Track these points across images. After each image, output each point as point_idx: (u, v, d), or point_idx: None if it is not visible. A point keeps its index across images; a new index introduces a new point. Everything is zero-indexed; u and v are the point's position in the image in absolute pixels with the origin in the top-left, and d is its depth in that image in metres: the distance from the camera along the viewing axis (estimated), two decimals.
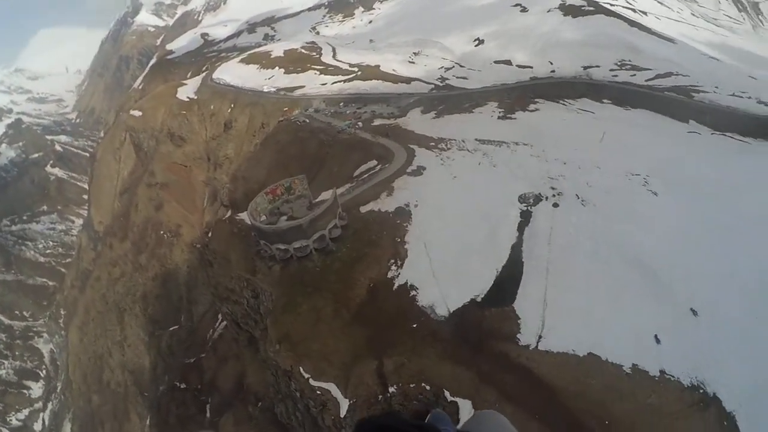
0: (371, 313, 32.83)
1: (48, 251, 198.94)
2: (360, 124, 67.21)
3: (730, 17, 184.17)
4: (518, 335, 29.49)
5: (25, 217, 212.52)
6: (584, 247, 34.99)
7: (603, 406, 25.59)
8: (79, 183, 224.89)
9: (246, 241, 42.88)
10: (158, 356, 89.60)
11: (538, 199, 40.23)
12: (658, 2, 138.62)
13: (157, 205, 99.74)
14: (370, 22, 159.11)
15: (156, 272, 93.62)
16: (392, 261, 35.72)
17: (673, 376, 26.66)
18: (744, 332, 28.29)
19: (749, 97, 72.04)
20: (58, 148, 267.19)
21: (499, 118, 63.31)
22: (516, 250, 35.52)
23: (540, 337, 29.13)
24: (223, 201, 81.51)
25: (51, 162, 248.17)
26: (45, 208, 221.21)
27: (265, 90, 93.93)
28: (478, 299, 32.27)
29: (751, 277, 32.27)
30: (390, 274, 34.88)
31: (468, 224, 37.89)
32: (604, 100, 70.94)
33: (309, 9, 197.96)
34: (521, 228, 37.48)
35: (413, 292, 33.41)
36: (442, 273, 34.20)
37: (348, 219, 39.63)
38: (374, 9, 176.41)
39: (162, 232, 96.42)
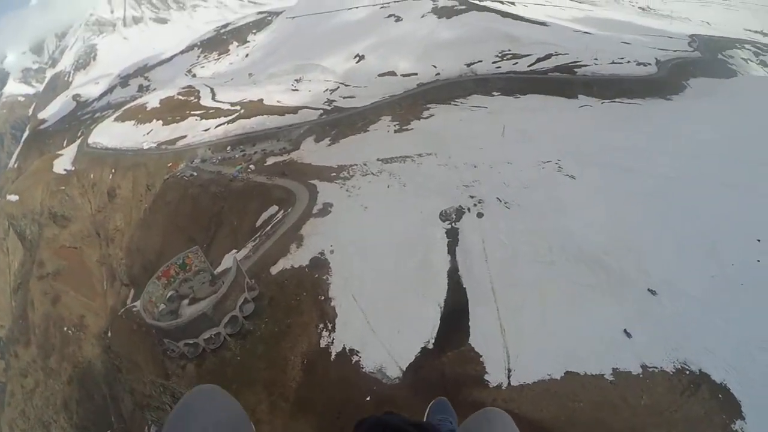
0: (314, 396, 27.22)
1: None
2: (252, 167, 61.40)
3: None
4: (485, 376, 25.10)
5: None
6: (523, 253, 31.53)
7: (601, 425, 22.15)
8: None
9: (150, 338, 35.44)
10: None
11: (460, 212, 36.48)
12: None
13: (54, 298, 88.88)
14: (247, 55, 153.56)
15: (70, 374, 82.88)
16: (321, 326, 30.18)
17: (656, 368, 24.12)
18: (706, 296, 26.69)
19: (628, 62, 75.36)
20: None
21: (395, 131, 60.30)
22: (453, 276, 31.29)
23: (509, 371, 24.92)
24: (123, 279, 73.52)
25: None
26: None
27: (146, 147, 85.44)
28: (430, 345, 27.61)
29: (694, 241, 30.79)
30: (323, 342, 29.39)
31: (394, 259, 33.25)
32: (494, 93, 70.17)
33: (182, 52, 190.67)
34: (452, 249, 33.39)
35: (355, 358, 28.13)
36: (381, 325, 29.27)
37: (259, 287, 33.42)
38: (249, 41, 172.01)
39: (65, 329, 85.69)
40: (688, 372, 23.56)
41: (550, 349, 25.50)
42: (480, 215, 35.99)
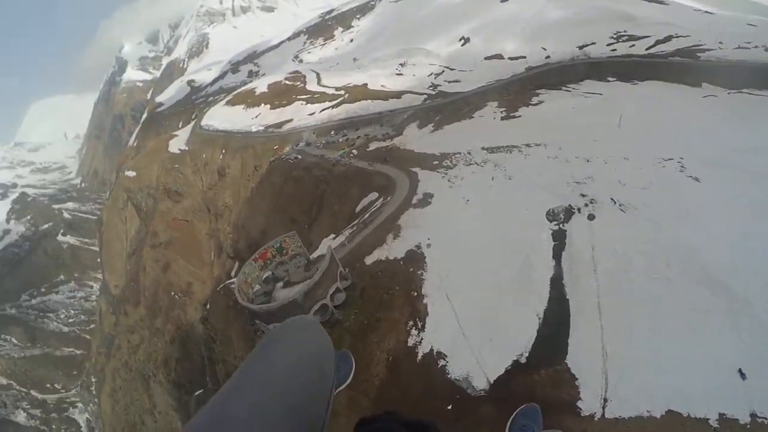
0: (395, 396, 25.65)
1: (71, 320, 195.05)
2: (354, 152, 61.04)
3: None
4: (579, 402, 22.29)
5: (43, 290, 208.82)
6: (638, 266, 28.07)
7: None
8: (92, 248, 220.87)
9: (243, 316, 36.27)
10: None
11: (569, 212, 33.60)
12: None
13: (164, 265, 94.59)
14: (351, 40, 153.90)
15: (173, 335, 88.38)
16: (411, 323, 28.55)
17: (766, 419, 20.30)
18: None
19: (755, 47, 67.08)
20: (66, 215, 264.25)
21: (502, 119, 57.26)
22: (557, 285, 28.46)
23: (605, 400, 22.27)
24: (229, 253, 76.37)
25: (62, 230, 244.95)
26: (62, 277, 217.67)
27: (254, 130, 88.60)
28: (522, 359, 25.03)
29: None
30: (411, 341, 27.77)
31: (494, 259, 30.65)
32: (609, 78, 65.28)
33: (289, 39, 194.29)
34: (557, 254, 30.51)
35: (441, 362, 26.17)
36: (472, 331, 27.04)
37: (352, 277, 32.39)
38: (353, 27, 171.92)
39: (173, 293, 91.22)
40: None
41: (655, 382, 22.31)
42: (591, 217, 32.98)
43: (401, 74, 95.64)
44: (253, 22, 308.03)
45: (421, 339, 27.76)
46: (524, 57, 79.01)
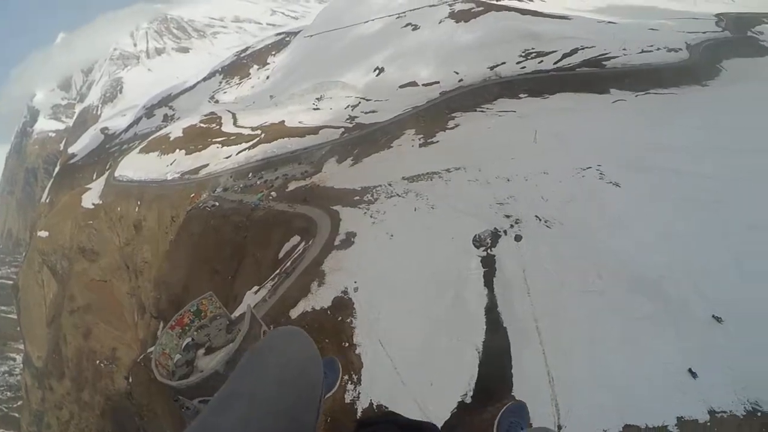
0: None
1: None
2: (273, 194, 58.29)
3: None
4: None
5: None
6: (570, 283, 27.28)
7: None
8: (10, 316, 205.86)
9: (167, 390, 32.82)
10: None
11: (495, 236, 32.44)
12: None
13: (85, 332, 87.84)
14: (268, 77, 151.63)
15: (103, 408, 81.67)
16: (346, 378, 25.83)
17: (725, 412, 19.98)
18: None
19: (658, 49, 71.96)
20: None
21: (420, 146, 56.63)
22: (492, 314, 27.02)
23: (560, 428, 20.81)
24: (152, 312, 71.82)
25: None
26: None
27: (169, 178, 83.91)
28: (468, 399, 23.28)
29: (760, 253, 26.45)
30: (348, 398, 25.08)
31: (425, 296, 29.01)
32: (521, 95, 66.28)
33: (204, 79, 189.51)
34: (489, 281, 29.17)
35: None
36: (411, 376, 25.00)
37: None
38: (269, 63, 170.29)
39: (98, 362, 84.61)
40: (759, 413, 19.86)
41: (606, 400, 21.26)
42: (518, 238, 31.96)
43: (318, 109, 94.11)
44: (168, 63, 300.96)
45: (359, 393, 25.34)
46: (438, 82, 79.46)
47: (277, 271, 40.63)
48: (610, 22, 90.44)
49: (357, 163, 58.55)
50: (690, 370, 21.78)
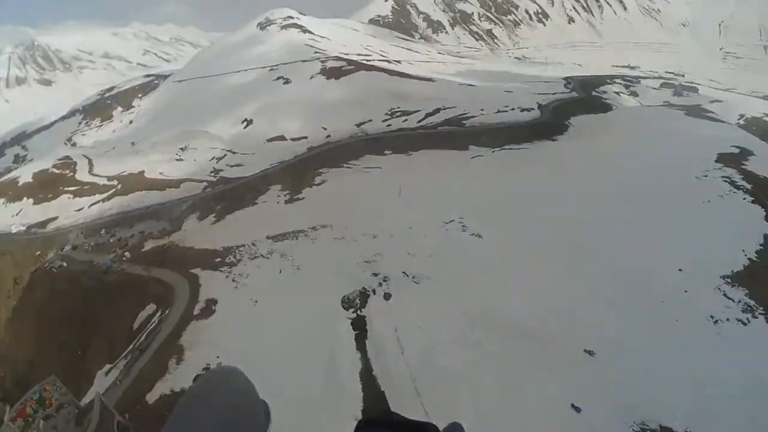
0: None
1: None
2: (128, 254, 53.01)
3: (471, 47, 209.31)
4: None
5: None
6: (444, 338, 26.95)
7: None
8: None
9: None
10: None
11: (364, 296, 31.52)
12: (407, 49, 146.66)
13: None
14: (131, 122, 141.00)
15: None
16: None
17: None
18: (644, 343, 25.01)
19: (512, 109, 77.56)
20: None
21: (286, 202, 55.24)
22: (368, 379, 25.81)
23: None
24: None
25: None
26: None
27: (14, 231, 73.79)
28: None
29: (617, 286, 29.13)
30: None
31: (296, 369, 26.79)
32: (386, 152, 67.34)
33: (63, 118, 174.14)
34: (361, 344, 28.07)
35: None
36: None
37: (133, 424, 25.82)
38: (134, 106, 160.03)
39: None
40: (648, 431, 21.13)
41: None
42: (387, 296, 31.27)
43: (182, 159, 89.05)
44: (29, 96, 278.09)
45: None
46: (306, 137, 78.71)
47: (131, 346, 36.52)
48: (469, 85, 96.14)
49: (219, 220, 55.50)
50: (573, 405, 22.37)
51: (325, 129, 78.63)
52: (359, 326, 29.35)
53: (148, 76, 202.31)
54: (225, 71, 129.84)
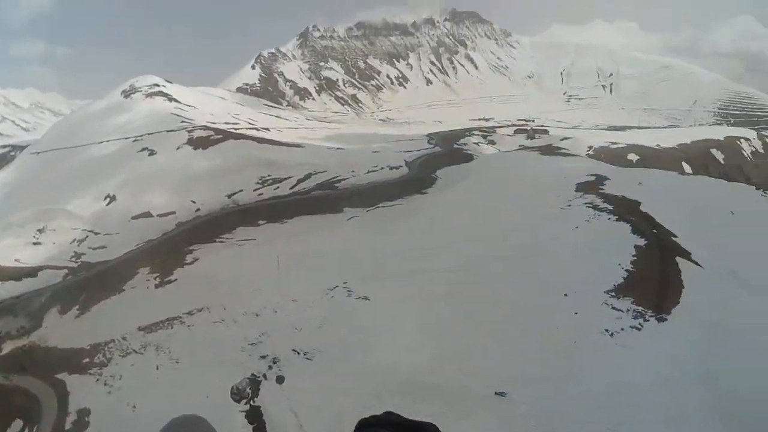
0: None
1: None
2: None
3: (337, 112, 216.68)
4: None
5: None
6: (348, 412, 25.45)
7: None
8: None
9: None
10: None
11: (255, 383, 29.59)
12: (276, 117, 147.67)
13: None
14: None
15: None
16: None
17: None
18: (551, 375, 25.77)
19: (382, 168, 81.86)
20: None
21: (156, 286, 51.28)
22: None
23: None
24: None
25: None
26: None
27: None
28: None
29: (508, 326, 30.44)
30: None
31: None
32: (260, 222, 66.39)
33: None
34: None
35: None
36: None
37: None
38: None
39: None
40: None
41: None
42: (280, 380, 29.67)
43: (39, 243, 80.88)
44: None
45: None
46: (174, 212, 74.64)
47: None
48: (338, 148, 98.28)
49: (84, 312, 49.96)
50: None
51: (194, 202, 75.45)
52: (255, 418, 27.37)
53: (4, 146, 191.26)
54: (86, 142, 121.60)
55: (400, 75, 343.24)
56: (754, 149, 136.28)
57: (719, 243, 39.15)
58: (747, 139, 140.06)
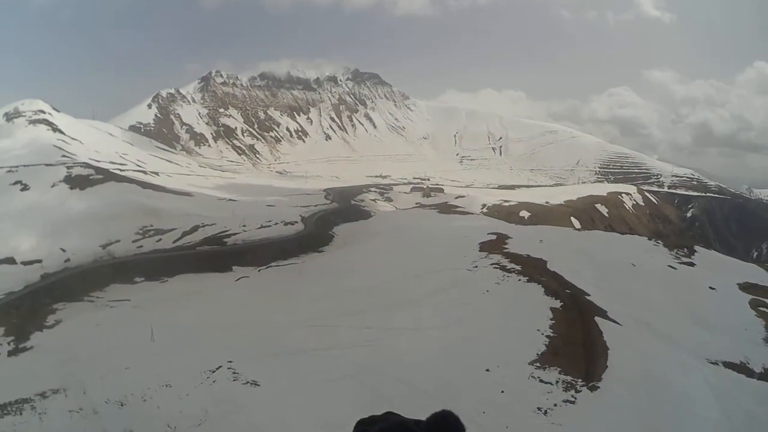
0: None
1: None
2: None
3: (233, 161, 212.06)
4: None
5: None
6: None
7: None
8: None
9: None
10: None
11: None
12: (167, 161, 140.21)
13: None
14: None
15: None
16: None
17: None
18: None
19: (276, 223, 78.67)
20: None
21: (9, 353, 42.58)
22: None
23: None
24: None
25: None
26: None
27: None
28: None
29: (427, 409, 25.49)
30: None
31: None
32: (137, 279, 59.00)
33: None
34: None
35: None
36: None
37: None
38: None
39: None
40: None
41: None
42: None
43: None
44: None
45: None
46: (40, 261, 64.83)
47: None
48: (230, 200, 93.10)
49: None
50: None
51: (64, 251, 66.32)
52: None
53: None
54: None
55: (299, 128, 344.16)
56: (635, 202, 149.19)
57: (628, 297, 38.66)
58: (627, 194, 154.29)
